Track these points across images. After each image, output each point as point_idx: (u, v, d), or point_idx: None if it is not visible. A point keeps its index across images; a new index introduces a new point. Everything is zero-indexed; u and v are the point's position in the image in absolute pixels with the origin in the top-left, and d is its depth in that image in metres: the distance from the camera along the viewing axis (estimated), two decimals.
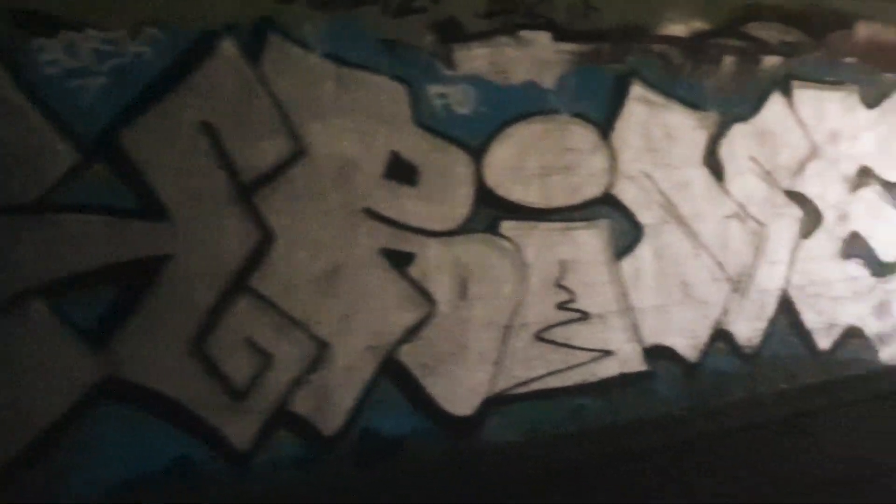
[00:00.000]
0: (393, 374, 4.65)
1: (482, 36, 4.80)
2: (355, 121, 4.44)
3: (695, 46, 5.59)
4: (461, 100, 4.73)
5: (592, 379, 5.35)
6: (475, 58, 4.77)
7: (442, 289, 4.74)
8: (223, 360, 4.16)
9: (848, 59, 6.34)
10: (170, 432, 4.07)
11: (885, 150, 6.60)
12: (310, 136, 4.33)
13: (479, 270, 4.88)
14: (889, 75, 6.58)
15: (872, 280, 6.66)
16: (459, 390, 4.88)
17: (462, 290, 4.81)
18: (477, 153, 4.81)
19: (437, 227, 4.71)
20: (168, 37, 3.99)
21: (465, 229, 4.80)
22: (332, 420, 4.49)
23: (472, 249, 4.84)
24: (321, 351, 4.43)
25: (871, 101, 6.50)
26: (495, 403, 5.00)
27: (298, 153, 4.30)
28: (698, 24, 5.59)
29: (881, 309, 6.73)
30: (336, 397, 4.50)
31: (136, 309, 3.97)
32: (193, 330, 4.09)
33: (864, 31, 6.41)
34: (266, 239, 4.22)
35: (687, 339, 5.73)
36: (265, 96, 4.22)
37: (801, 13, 6.05)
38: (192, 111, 4.06)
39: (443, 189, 4.71)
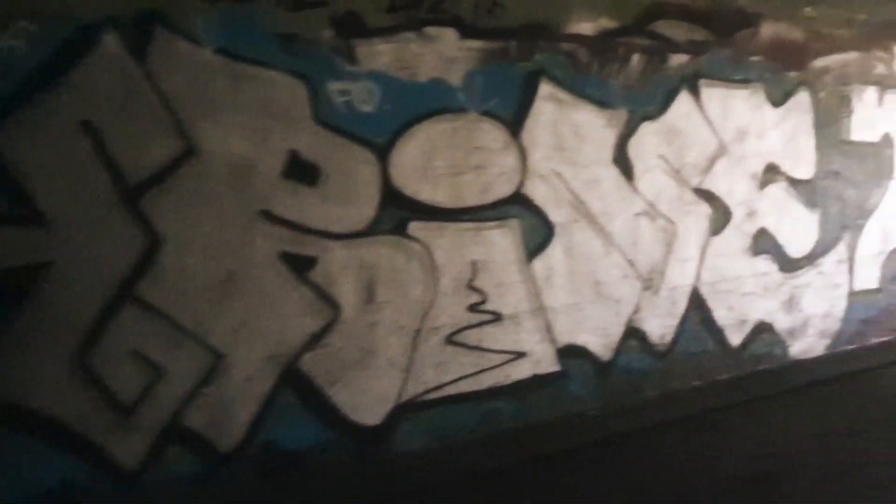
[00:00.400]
0: (295, 384, 4.45)
1: (385, 31, 4.64)
2: (250, 119, 4.23)
3: (602, 45, 5.55)
4: (364, 97, 4.56)
5: (506, 381, 5.26)
6: (378, 54, 4.61)
7: (346, 293, 4.57)
8: (108, 375, 3.90)
9: (754, 58, 6.43)
10: (50, 454, 3.79)
11: (791, 147, 6.72)
12: (201, 136, 4.09)
13: (387, 273, 4.72)
14: (794, 73, 6.70)
15: (781, 276, 6.77)
16: (367, 398, 4.71)
17: (369, 295, 4.65)
18: (382, 152, 4.65)
19: (340, 228, 4.54)
20: (43, 30, 3.71)
21: (371, 231, 4.64)
22: (229, 434, 4.27)
23: (379, 252, 4.68)
24: (216, 362, 4.21)
25: (777, 99, 6.60)
26: (405, 410, 4.86)
27: (188, 153, 4.06)
28: (605, 23, 5.55)
29: (790, 304, 6.85)
30: (234, 410, 4.28)
31: (10, 322, 3.67)
32: (75, 343, 3.82)
33: (769, 29, 6.51)
34: (154, 244, 3.98)
35: (600, 337, 5.70)
36: (152, 94, 3.97)
37: (708, 12, 6.09)
38: (71, 110, 3.79)
39: (346, 189, 4.54)
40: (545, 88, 5.31)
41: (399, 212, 4.74)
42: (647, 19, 5.77)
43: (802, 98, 6.78)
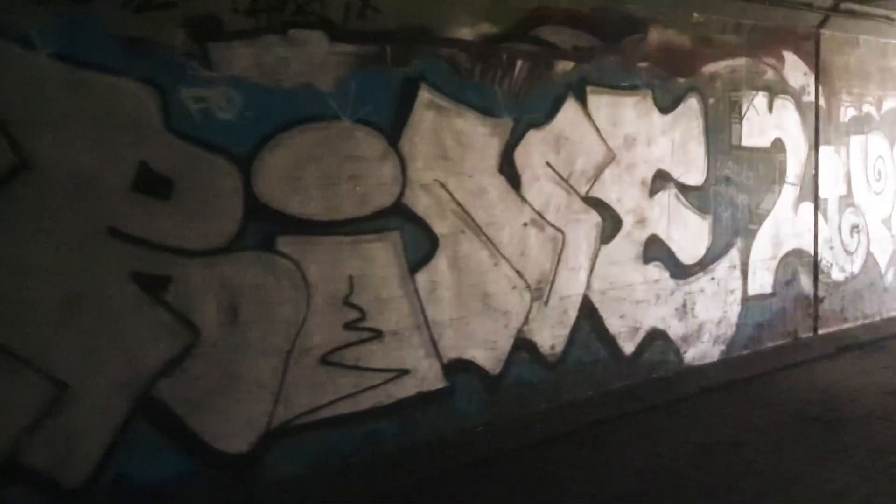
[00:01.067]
0: (151, 412, 4.14)
1: (245, 34, 4.38)
2: (93, 129, 3.91)
3: (485, 50, 5.41)
4: (223, 104, 4.29)
5: (388, 401, 5.05)
6: (238, 58, 4.35)
7: (207, 315, 4.28)
8: None
9: (642, 64, 6.39)
10: None
11: (681, 153, 6.71)
12: (36, 148, 3.76)
13: (253, 292, 4.45)
14: (683, 80, 6.69)
15: (674, 282, 6.76)
16: (233, 425, 4.43)
17: (232, 315, 4.37)
18: (244, 162, 4.39)
19: (198, 245, 4.25)
20: None
21: (233, 247, 4.37)
22: (76, 470, 3.94)
23: (243, 269, 4.42)
24: (60, 392, 3.86)
25: (667, 106, 6.59)
26: (277, 436, 4.59)
27: (21, 167, 3.72)
28: (487, 28, 5.41)
29: (684, 310, 6.84)
30: (81, 444, 3.95)
31: None
32: None
33: (657, 35, 6.48)
34: None
35: (488, 351, 5.55)
36: None
37: (593, 17, 6.02)
38: None
39: (204, 203, 4.25)
40: (425, 95, 5.13)
41: (265, 226, 4.48)
42: (530, 25, 5.66)
43: (692, 104, 6.79)
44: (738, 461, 4.96)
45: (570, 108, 5.93)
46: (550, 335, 5.90)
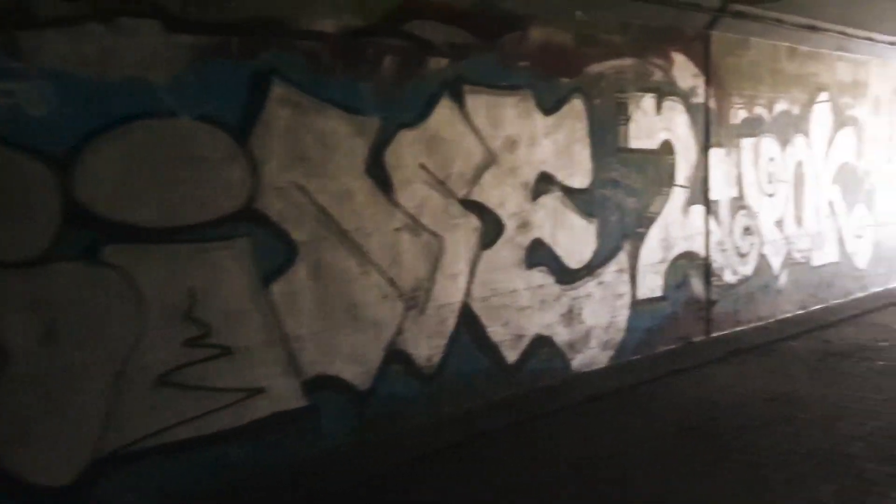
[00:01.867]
0: None
1: (63, 22, 3.93)
2: None
3: (348, 44, 5.07)
4: (35, 99, 3.84)
5: (238, 423, 4.66)
6: (54, 48, 3.90)
7: (17, 334, 3.82)
8: None
9: (523, 63, 6.16)
10: None
11: (566, 155, 6.51)
12: None
13: (74, 307, 4.01)
14: (566, 80, 6.50)
15: (559, 287, 6.55)
16: (52, 455, 3.98)
17: (49, 334, 3.91)
18: (62, 164, 3.94)
19: (5, 257, 3.78)
20: None
21: (48, 258, 3.91)
22: None
23: (62, 282, 3.96)
24: None
25: (549, 107, 6.38)
26: (108, 465, 4.15)
27: None
28: (350, 20, 5.08)
29: (570, 316, 6.64)
30: None
31: None
32: None
33: (538, 33, 6.27)
34: None
35: (356, 365, 5.21)
36: None
37: (469, 13, 5.76)
38: None
39: (11, 209, 3.79)
40: (279, 91, 4.76)
41: (88, 234, 4.04)
42: (400, 19, 5.36)
43: (576, 105, 6.60)
44: (611, 475, 4.75)
45: (445, 108, 5.64)
46: (427, 346, 5.60)
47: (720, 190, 8.09)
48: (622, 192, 7.05)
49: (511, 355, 6.19)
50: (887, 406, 5.81)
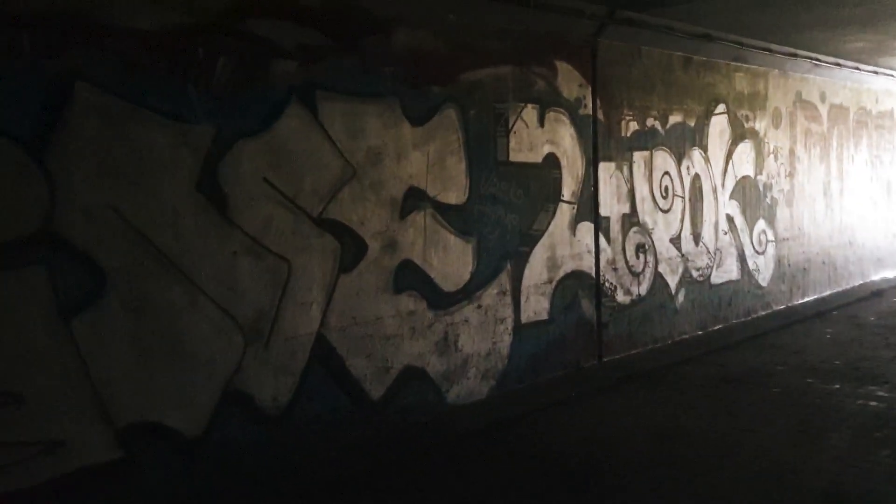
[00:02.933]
0: None
1: None
2: None
3: (174, 44, 4.45)
4: None
5: (33, 482, 3.95)
6: None
7: None
8: None
9: (387, 69, 5.64)
10: None
11: (438, 170, 6.01)
12: None
13: None
14: (437, 88, 6.00)
15: (432, 313, 6.03)
16: None
17: None
18: None
19: None
20: None
21: None
22: None
23: None
24: None
25: (419, 117, 5.87)
26: None
27: None
28: (176, 17, 4.47)
29: (445, 344, 6.12)
30: None
31: None
32: None
33: (405, 37, 5.76)
34: None
35: (184, 409, 4.56)
36: None
37: (323, 12, 5.22)
38: None
39: None
40: (84, 96, 4.11)
41: None
42: (237, 16, 4.77)
43: (450, 115, 6.13)
44: None
45: (294, 116, 5.07)
46: (273, 384, 4.99)
47: (611, 206, 7.72)
48: (503, 209, 6.59)
49: (376, 390, 5.63)
50: (776, 441, 5.45)
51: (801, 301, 10.85)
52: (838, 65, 11.05)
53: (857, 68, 11.54)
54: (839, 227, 11.86)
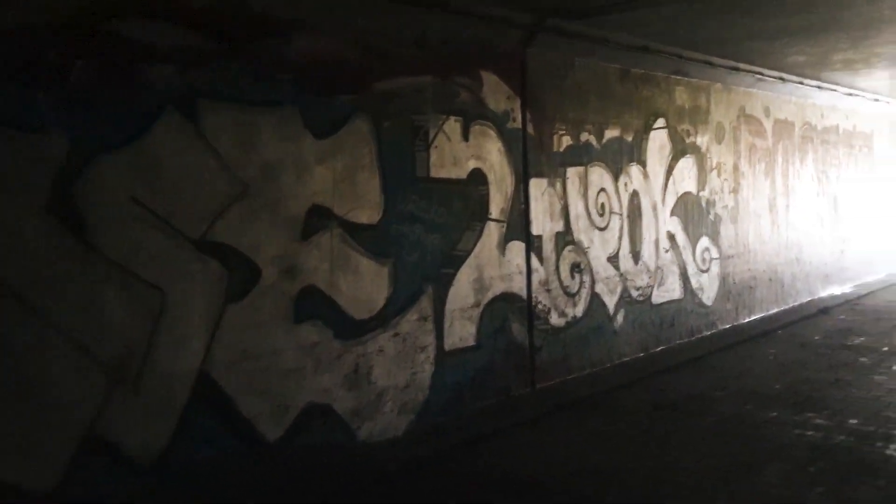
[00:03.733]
0: None
1: None
2: None
3: (19, 45, 3.88)
4: None
5: None
6: None
7: None
8: None
9: (284, 76, 5.12)
10: None
11: (347, 186, 5.50)
12: None
13: None
14: (345, 97, 5.50)
15: (340, 343, 5.49)
16: None
17: None
18: None
19: None
20: None
21: None
22: None
23: None
24: None
25: (323, 129, 5.37)
26: None
27: None
28: (21, 15, 3.89)
29: (355, 377, 5.58)
30: None
31: None
32: None
33: (307, 41, 5.26)
34: None
35: (32, 460, 3.95)
36: None
37: (206, 13, 4.68)
38: None
39: None
40: None
41: None
42: (97, 16, 4.20)
43: (360, 127, 5.63)
44: None
45: (169, 127, 4.52)
46: (144, 429, 4.41)
47: (543, 224, 7.27)
48: (423, 228, 6.10)
49: (272, 431, 5.06)
50: (706, 478, 5.02)
51: (747, 320, 10.52)
52: (782, 79, 10.81)
53: (801, 82, 11.32)
54: (786, 244, 11.60)
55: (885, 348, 8.73)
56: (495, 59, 6.71)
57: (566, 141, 7.54)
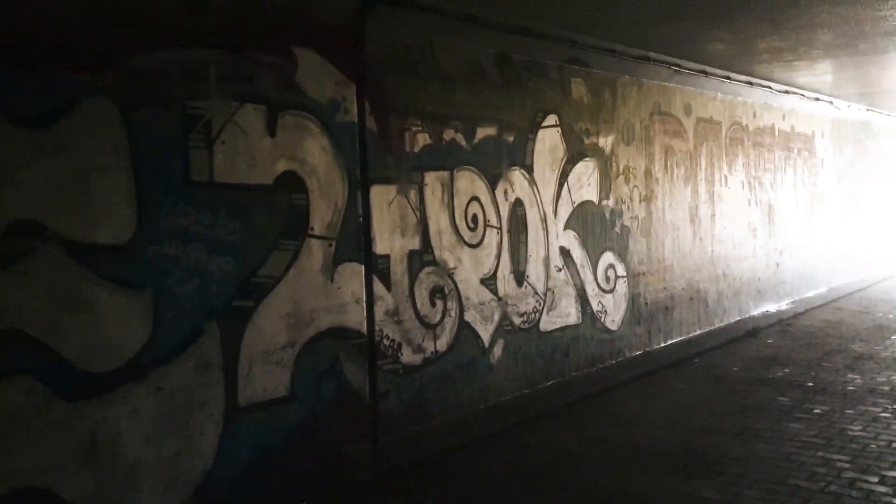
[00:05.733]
0: None
1: None
2: None
3: None
4: None
5: None
6: None
7: None
8: None
9: None
10: None
11: (70, 195, 4.11)
12: None
13: None
14: (72, 74, 4.10)
15: (67, 406, 4.10)
16: None
17: None
18: None
19: None
20: None
21: None
22: None
23: None
24: None
25: (35, 116, 3.98)
26: None
27: None
28: None
29: (93, 450, 4.18)
30: None
31: None
32: None
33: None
34: None
35: None
36: None
37: None
38: None
39: None
40: None
41: None
42: None
43: (97, 115, 4.23)
44: None
45: None
46: None
47: (391, 241, 5.92)
48: (203, 249, 4.70)
49: None
50: None
51: (662, 345, 9.28)
52: (704, 72, 9.64)
53: (728, 77, 10.16)
54: (710, 258, 10.41)
55: (810, 383, 7.55)
56: (316, 32, 5.34)
57: (423, 140, 6.20)
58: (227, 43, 4.82)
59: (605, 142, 8.33)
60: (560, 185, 7.70)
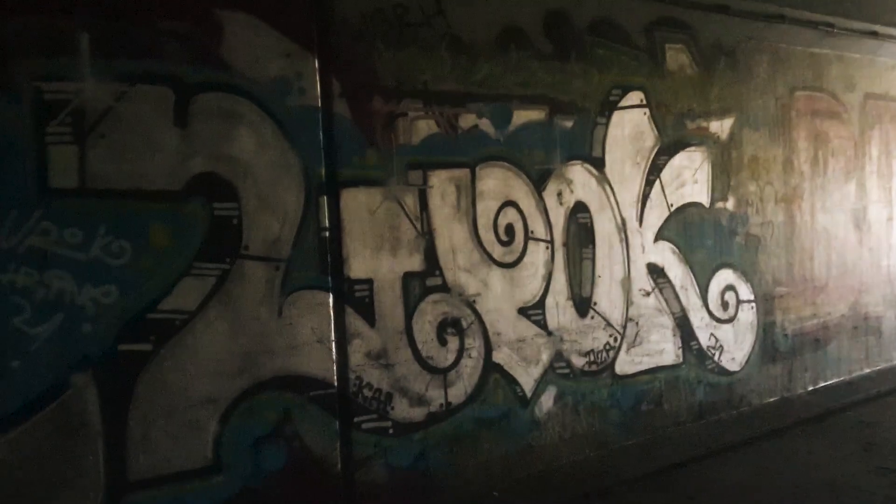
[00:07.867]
0: None
1: None
2: None
3: None
4: None
5: None
6: None
7: None
8: None
9: None
10: None
11: None
12: None
13: None
14: None
15: None
16: None
17: None
18: None
19: None
20: None
21: None
22: None
23: None
24: None
25: None
26: None
27: None
28: None
29: None
30: None
31: None
32: None
33: None
34: None
35: None
36: None
37: None
38: None
39: None
40: None
41: None
42: None
43: None
44: None
45: None
46: None
47: (374, 261, 4.52)
48: (70, 277, 3.58)
49: None
50: None
51: (810, 388, 7.14)
52: (874, 33, 7.38)
53: None
54: (886, 274, 8.06)
55: None
56: None
57: (426, 127, 4.73)
58: (109, 5, 3.64)
59: (721, 126, 6.38)
60: (648, 184, 5.90)
